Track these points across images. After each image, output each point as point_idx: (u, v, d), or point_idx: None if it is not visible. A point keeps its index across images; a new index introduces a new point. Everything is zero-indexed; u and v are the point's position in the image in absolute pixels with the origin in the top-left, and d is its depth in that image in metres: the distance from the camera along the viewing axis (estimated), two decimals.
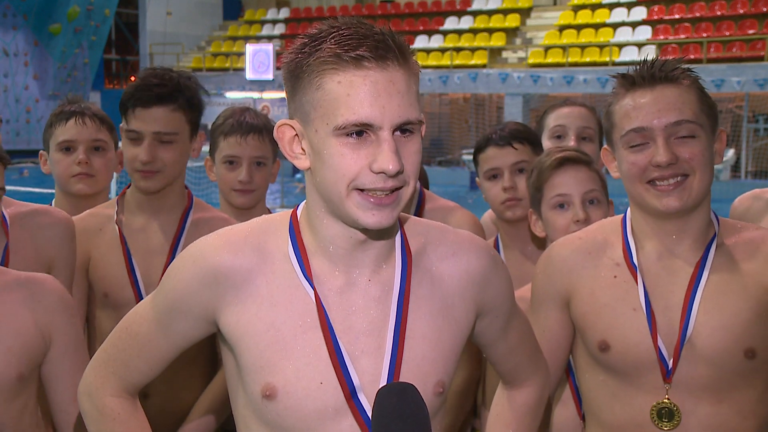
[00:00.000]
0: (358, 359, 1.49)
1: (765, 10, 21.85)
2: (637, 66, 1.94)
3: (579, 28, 24.49)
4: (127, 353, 1.65)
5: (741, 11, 22.40)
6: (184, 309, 1.56)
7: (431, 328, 1.54)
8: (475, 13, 26.66)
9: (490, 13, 26.44)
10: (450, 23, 26.70)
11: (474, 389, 2.71)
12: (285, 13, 30.35)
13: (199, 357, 2.52)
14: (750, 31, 21.83)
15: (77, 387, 1.78)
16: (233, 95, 24.94)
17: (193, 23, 30.51)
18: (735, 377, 1.88)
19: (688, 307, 1.89)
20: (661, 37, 22.66)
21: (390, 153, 1.38)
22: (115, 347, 1.67)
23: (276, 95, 24.30)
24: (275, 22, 29.89)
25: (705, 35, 22.20)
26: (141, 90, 2.44)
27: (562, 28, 24.76)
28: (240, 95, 24.71)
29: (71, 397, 1.94)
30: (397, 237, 1.56)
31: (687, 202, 1.88)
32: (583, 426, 2.18)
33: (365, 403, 1.48)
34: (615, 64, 21.30)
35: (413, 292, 1.54)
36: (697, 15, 22.92)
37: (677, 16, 23.21)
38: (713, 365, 1.87)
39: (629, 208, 2.03)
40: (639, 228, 1.99)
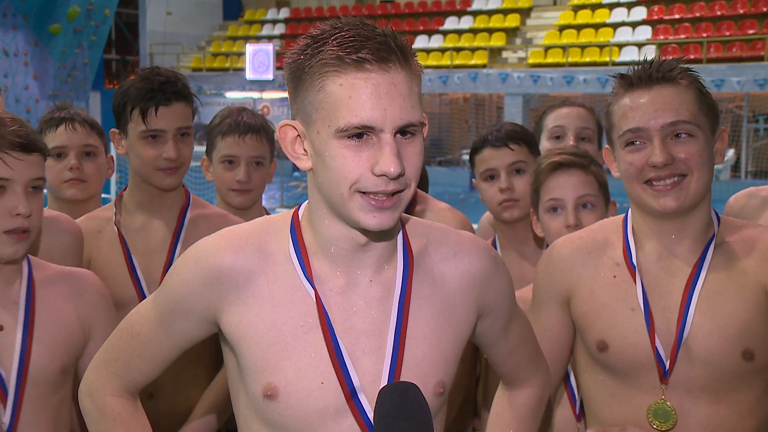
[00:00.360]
0: (358, 360, 1.49)
1: (765, 10, 21.85)
2: (636, 66, 1.94)
3: (579, 28, 24.48)
4: (128, 353, 1.65)
5: (741, 11, 22.40)
6: (185, 309, 1.56)
7: (432, 328, 1.54)
8: (475, 13, 26.66)
9: (490, 13, 26.44)
10: (450, 23, 26.69)
11: (464, 387, 2.71)
12: (285, 13, 30.35)
13: (203, 357, 2.54)
14: (750, 31, 21.83)
15: None
16: (233, 95, 24.94)
17: (193, 23, 30.50)
18: (733, 378, 1.87)
19: (685, 308, 1.89)
20: (661, 37, 22.65)
21: (391, 155, 1.38)
22: (116, 347, 1.68)
23: (276, 95, 24.31)
24: (275, 22, 29.89)
25: (705, 35, 22.20)
26: (157, 90, 2.44)
27: (562, 28, 24.76)
28: (240, 95, 24.72)
29: None
30: (399, 238, 1.56)
31: (684, 202, 1.88)
32: (584, 426, 2.18)
33: (365, 404, 1.48)
34: (615, 64, 21.30)
35: (414, 292, 1.54)
36: (697, 15, 22.92)
37: (677, 16, 23.21)
38: (710, 366, 1.87)
39: (630, 208, 2.03)
40: (639, 228, 1.99)
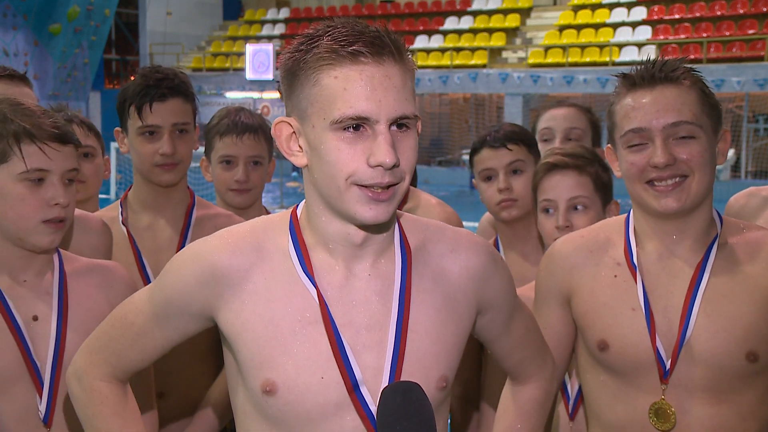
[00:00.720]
0: (360, 353, 1.49)
1: (765, 10, 21.85)
2: (639, 66, 1.93)
3: (579, 28, 24.49)
4: (120, 342, 1.66)
5: (741, 11, 22.40)
6: (181, 306, 1.57)
7: (434, 322, 1.55)
8: (475, 13, 26.66)
9: (490, 13, 26.44)
10: (450, 23, 26.70)
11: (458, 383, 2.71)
12: (285, 13, 30.36)
13: (211, 355, 2.55)
14: (750, 31, 21.83)
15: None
16: (233, 95, 24.94)
17: (193, 23, 30.51)
18: (735, 380, 1.87)
19: (688, 309, 1.88)
20: (661, 37, 22.66)
21: (386, 146, 1.39)
22: (108, 335, 1.68)
23: (276, 95, 24.26)
24: (275, 22, 29.90)
25: (705, 35, 22.20)
26: (152, 86, 2.46)
27: (562, 28, 24.76)
28: (240, 95, 24.72)
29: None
30: (396, 232, 1.57)
31: (685, 202, 1.87)
32: (586, 427, 2.18)
33: (368, 397, 1.48)
34: (615, 64, 21.30)
35: (415, 286, 1.55)
36: (697, 15, 22.92)
37: (677, 16, 23.21)
38: (713, 367, 1.87)
39: (632, 207, 2.03)
40: (640, 228, 1.99)
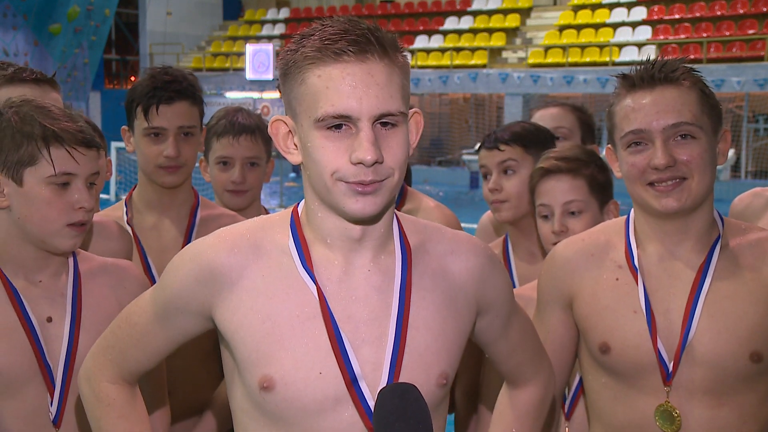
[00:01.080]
0: (359, 348, 1.50)
1: (765, 10, 21.85)
2: (638, 66, 1.93)
3: (579, 28, 24.49)
4: (126, 343, 1.68)
5: (741, 11, 22.40)
6: (181, 305, 1.58)
7: (434, 318, 1.55)
8: (475, 13, 26.66)
9: (490, 13, 26.44)
10: (450, 23, 26.69)
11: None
12: (285, 13, 30.36)
13: (215, 354, 2.54)
14: (750, 31, 21.83)
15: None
16: (233, 95, 24.94)
17: (193, 23, 30.51)
18: (737, 381, 1.87)
19: (690, 311, 1.88)
20: (661, 37, 22.65)
21: (367, 143, 1.40)
22: (115, 336, 1.70)
23: (276, 95, 24.26)
24: (275, 22, 29.90)
25: (705, 35, 22.20)
26: (160, 87, 2.47)
27: (562, 28, 24.76)
28: (240, 95, 24.72)
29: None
30: (395, 229, 1.57)
31: (686, 202, 1.87)
32: (588, 427, 2.18)
33: (366, 392, 1.48)
34: (615, 64, 21.30)
35: (415, 283, 1.55)
36: (697, 15, 22.92)
37: (677, 16, 23.21)
38: (715, 369, 1.86)
39: (632, 209, 2.03)
40: (641, 229, 1.99)
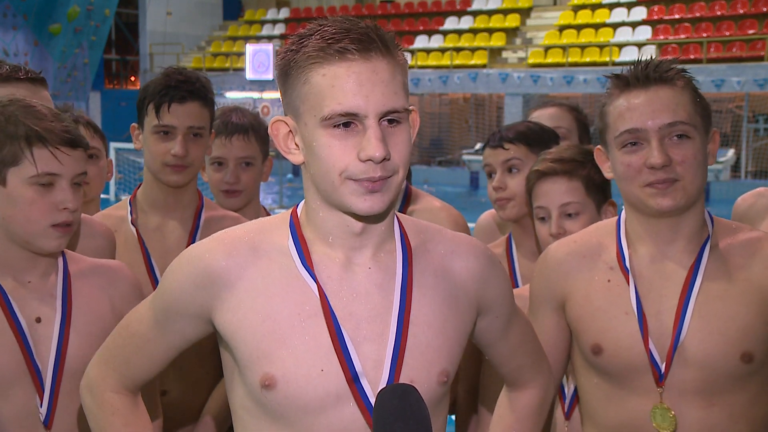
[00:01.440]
0: (360, 345, 1.50)
1: (765, 10, 21.85)
2: (631, 66, 1.93)
3: (579, 28, 24.49)
4: (127, 350, 1.68)
5: (741, 11, 22.40)
6: (180, 309, 1.58)
7: (436, 316, 1.55)
8: (475, 13, 26.66)
9: (490, 13, 26.44)
10: (450, 23, 26.70)
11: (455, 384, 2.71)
12: (285, 13, 30.36)
13: (214, 355, 2.54)
14: (750, 31, 21.84)
15: None
16: (233, 95, 24.94)
17: (193, 23, 30.51)
18: (728, 381, 1.87)
19: (681, 312, 1.88)
20: (661, 37, 22.66)
21: (375, 140, 1.41)
22: (116, 344, 1.70)
23: (276, 95, 24.24)
24: (275, 22, 29.90)
25: (705, 35, 22.20)
26: (173, 86, 2.47)
27: (562, 28, 24.76)
28: (240, 95, 24.72)
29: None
30: (396, 228, 1.58)
31: (680, 201, 1.87)
32: (581, 428, 2.18)
33: (368, 390, 1.48)
34: (615, 64, 21.29)
35: (417, 281, 1.55)
36: (697, 15, 22.93)
37: (677, 16, 23.22)
38: (707, 369, 1.87)
39: (623, 210, 2.03)
40: (632, 230, 1.99)
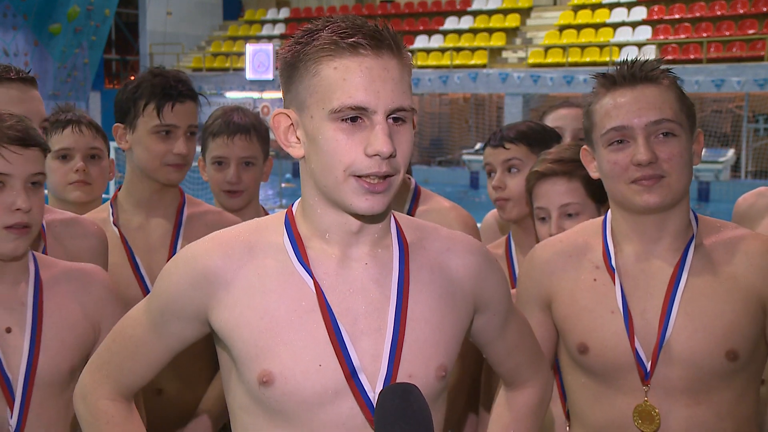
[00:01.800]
0: (358, 340, 1.50)
1: (765, 10, 21.85)
2: (618, 66, 1.96)
3: (579, 28, 24.48)
4: (122, 356, 1.66)
5: (741, 11, 22.40)
6: (176, 311, 1.58)
7: (433, 311, 1.55)
8: (475, 13, 26.66)
9: (490, 13, 26.44)
10: (450, 23, 26.69)
11: (464, 390, 2.71)
12: (285, 13, 30.36)
13: (208, 351, 2.55)
14: (750, 31, 21.83)
15: None
16: (233, 95, 24.94)
17: (193, 23, 30.51)
18: (714, 379, 1.88)
19: (667, 310, 1.89)
20: (661, 37, 22.66)
21: (384, 136, 1.41)
22: (110, 351, 1.69)
23: (276, 95, 24.29)
24: (275, 22, 29.90)
25: (705, 35, 22.19)
26: (173, 86, 2.48)
27: (562, 28, 24.76)
28: (240, 95, 24.72)
29: None
30: (392, 225, 1.59)
31: (666, 199, 1.89)
32: (568, 425, 2.19)
33: (366, 384, 1.49)
34: (614, 64, 21.15)
35: (413, 276, 1.56)
36: (697, 15, 22.92)
37: (677, 16, 23.21)
38: (693, 367, 1.88)
39: (609, 209, 2.04)
40: (618, 229, 2.00)
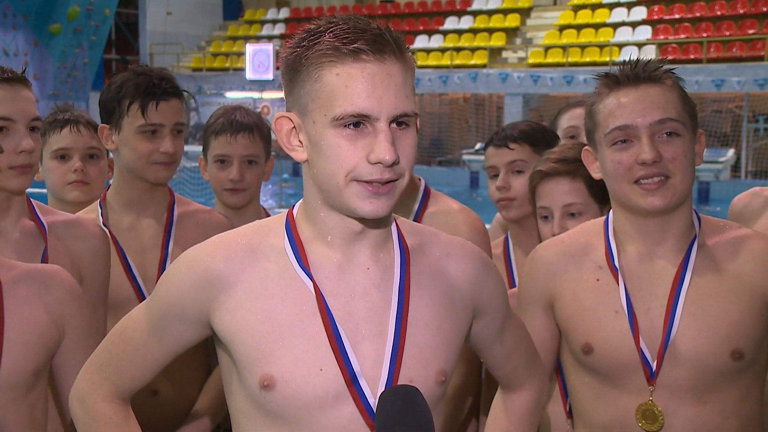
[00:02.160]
0: (358, 344, 1.50)
1: (765, 10, 21.84)
2: (621, 66, 1.96)
3: (579, 28, 24.48)
4: (120, 358, 1.66)
5: (741, 11, 22.39)
6: (178, 314, 1.57)
7: (433, 316, 1.55)
8: (475, 13, 26.65)
9: (490, 13, 26.43)
10: (450, 23, 26.69)
11: (469, 394, 2.71)
12: (285, 13, 30.35)
13: (202, 350, 2.56)
14: (750, 31, 21.82)
15: None
16: (233, 95, 24.93)
17: (193, 23, 30.50)
18: (719, 378, 1.88)
19: (672, 310, 1.89)
20: (661, 37, 22.65)
21: (386, 143, 1.41)
22: (109, 352, 1.68)
23: (276, 95, 24.30)
24: (275, 22, 29.89)
25: (705, 35, 22.19)
26: (156, 85, 2.46)
27: (562, 28, 24.75)
28: (240, 95, 24.71)
29: None
30: (393, 230, 1.58)
31: (670, 201, 1.89)
32: (571, 424, 2.19)
33: (366, 389, 1.48)
34: (615, 64, 21.19)
35: (414, 281, 1.55)
36: (697, 15, 22.91)
37: (677, 16, 23.20)
38: (698, 367, 1.88)
39: (611, 210, 2.04)
40: (621, 229, 2.00)
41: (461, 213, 2.68)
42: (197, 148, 3.10)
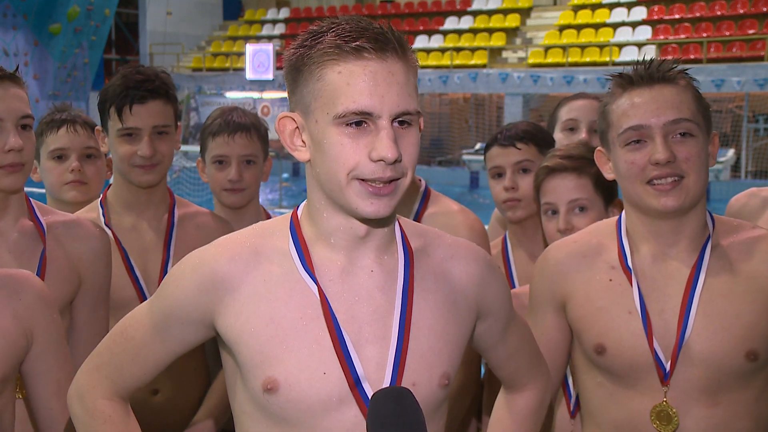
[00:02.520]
0: (362, 348, 1.49)
1: (765, 10, 21.84)
2: (635, 66, 1.94)
3: (579, 28, 24.48)
4: (122, 357, 1.65)
5: (741, 11, 22.39)
6: (181, 315, 1.57)
7: (437, 319, 1.55)
8: (475, 13, 26.65)
9: (490, 13, 26.43)
10: (450, 23, 26.69)
11: (468, 395, 2.71)
12: (285, 13, 30.35)
13: (202, 350, 2.57)
14: (750, 31, 21.83)
15: (60, 382, 1.80)
16: (233, 95, 24.93)
17: (193, 23, 30.51)
18: (733, 379, 1.88)
19: (686, 310, 1.88)
20: (661, 37, 22.65)
21: (388, 141, 1.40)
22: (110, 351, 1.67)
23: (276, 95, 24.30)
24: (275, 22, 29.90)
25: (705, 35, 22.19)
26: (132, 87, 2.45)
27: (562, 28, 24.75)
28: (240, 95, 24.71)
29: (54, 393, 1.90)
30: (397, 231, 1.58)
31: (684, 202, 1.88)
32: (581, 426, 2.18)
33: (369, 393, 1.48)
34: (615, 64, 21.28)
35: (417, 284, 1.55)
36: (697, 15, 22.92)
37: (677, 16, 23.20)
38: (712, 368, 1.87)
39: (624, 210, 2.03)
40: (634, 230, 1.99)
41: (460, 214, 2.68)
42: (197, 148, 3.09)
